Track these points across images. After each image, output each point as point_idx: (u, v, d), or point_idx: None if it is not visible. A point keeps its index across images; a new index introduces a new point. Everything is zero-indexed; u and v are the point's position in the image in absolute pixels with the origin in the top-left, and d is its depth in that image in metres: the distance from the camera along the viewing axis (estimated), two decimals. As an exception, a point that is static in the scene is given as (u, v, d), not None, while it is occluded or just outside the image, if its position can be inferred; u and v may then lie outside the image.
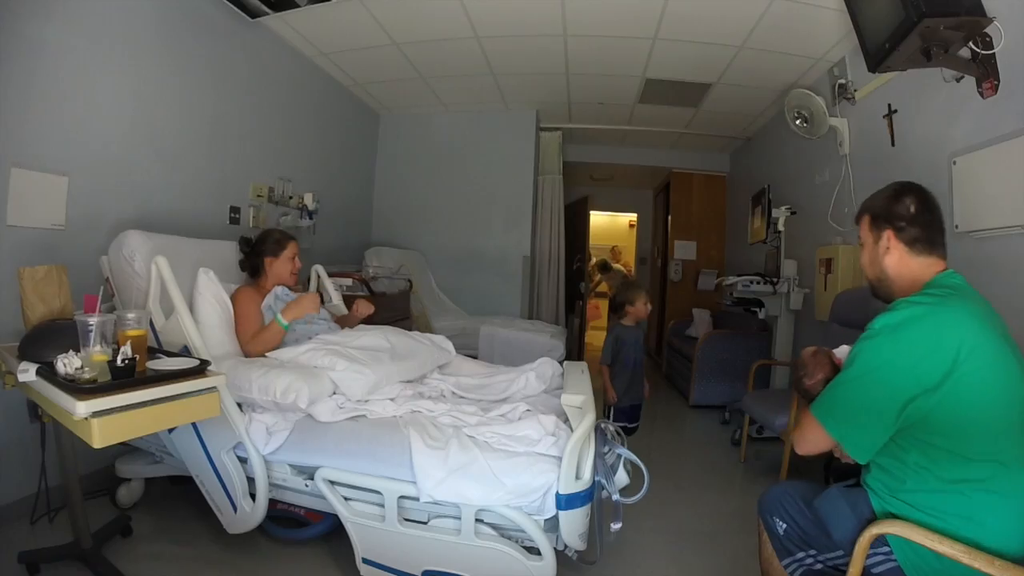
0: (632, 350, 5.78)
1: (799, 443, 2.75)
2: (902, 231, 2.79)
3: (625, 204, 16.13)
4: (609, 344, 5.81)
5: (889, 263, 2.82)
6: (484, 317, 9.53)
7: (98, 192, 4.85)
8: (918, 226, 2.78)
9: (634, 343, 5.81)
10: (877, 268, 2.88)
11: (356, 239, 9.89)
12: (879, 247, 2.86)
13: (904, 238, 2.79)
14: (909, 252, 2.78)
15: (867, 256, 2.95)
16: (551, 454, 3.60)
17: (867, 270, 2.97)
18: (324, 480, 3.81)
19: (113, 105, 4.98)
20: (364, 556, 3.78)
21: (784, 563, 2.99)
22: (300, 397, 3.88)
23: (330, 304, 5.76)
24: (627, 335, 5.79)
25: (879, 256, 2.86)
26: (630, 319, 5.84)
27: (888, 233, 2.82)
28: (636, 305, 5.80)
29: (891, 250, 2.81)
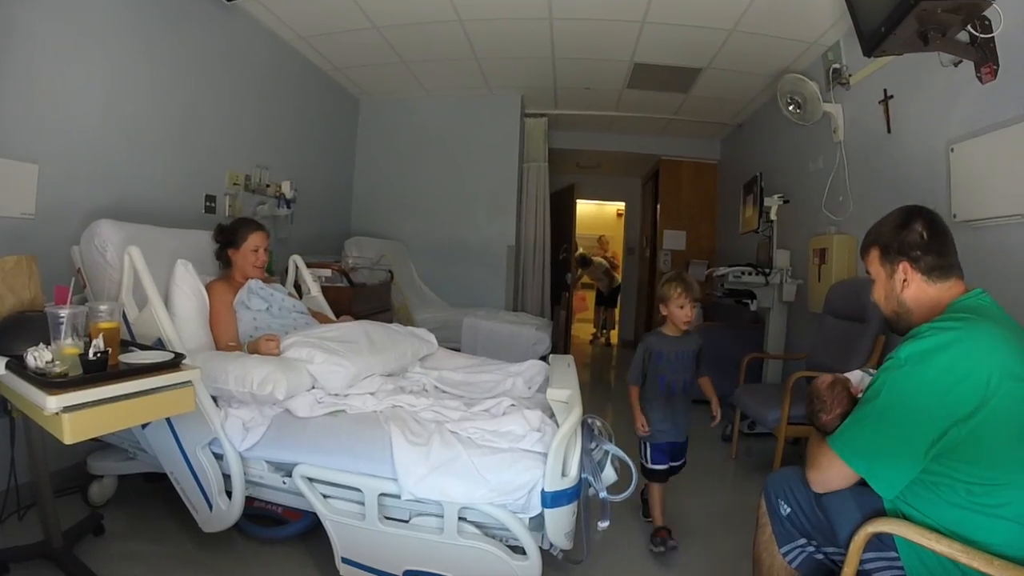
0: (669, 368, 4.63)
1: (817, 480, 2.69)
2: (918, 261, 2.73)
3: (613, 192, 16.15)
4: (636, 357, 4.72)
5: (908, 296, 2.76)
6: (467, 309, 9.50)
7: (69, 180, 4.82)
8: (933, 253, 2.73)
9: (674, 359, 4.65)
10: (894, 303, 2.83)
11: (335, 228, 9.88)
12: (895, 281, 2.80)
13: (921, 268, 2.73)
14: (927, 281, 2.72)
15: (881, 291, 2.89)
16: (536, 450, 3.59)
17: (882, 305, 2.91)
18: (302, 477, 3.79)
19: (85, 91, 4.94)
20: (343, 555, 3.76)
21: (783, 549, 2.96)
22: (278, 388, 3.86)
23: (308, 297, 5.75)
24: (661, 346, 4.66)
25: (896, 290, 2.80)
26: (670, 327, 4.69)
27: (904, 265, 2.76)
28: (669, 305, 4.63)
29: (909, 282, 2.75)
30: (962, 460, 2.34)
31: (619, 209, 17.97)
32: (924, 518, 2.44)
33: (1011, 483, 2.31)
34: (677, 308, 4.59)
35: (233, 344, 4.59)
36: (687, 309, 4.58)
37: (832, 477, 2.61)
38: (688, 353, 4.67)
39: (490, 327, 8.55)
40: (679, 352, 4.64)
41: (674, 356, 4.63)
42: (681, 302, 4.57)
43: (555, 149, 12.00)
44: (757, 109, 10.01)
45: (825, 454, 2.64)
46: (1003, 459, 2.31)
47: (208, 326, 4.63)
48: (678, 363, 4.64)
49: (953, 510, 2.38)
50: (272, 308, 4.95)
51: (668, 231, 12.49)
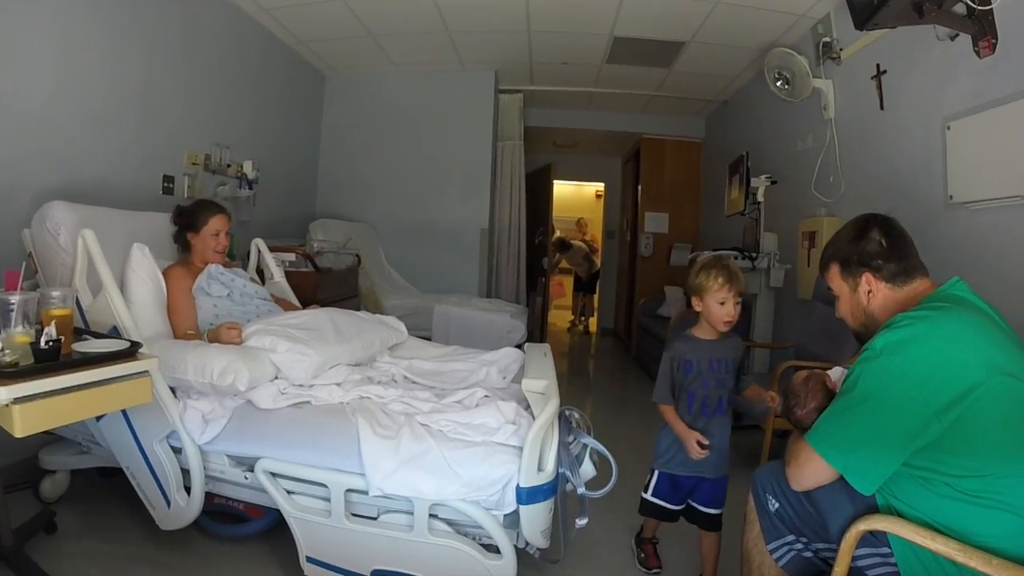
0: (701, 382, 3.79)
1: (796, 478, 2.69)
2: (880, 269, 2.78)
3: (591, 173, 16.19)
4: (662, 369, 3.88)
5: (876, 306, 2.80)
6: (438, 295, 9.49)
7: (19, 160, 4.78)
8: (894, 259, 2.77)
9: (707, 370, 3.80)
10: (861, 316, 2.87)
11: (300, 211, 9.83)
12: (859, 294, 2.84)
13: (885, 276, 2.77)
14: (893, 288, 2.77)
15: (847, 306, 2.93)
16: (511, 444, 3.58)
17: (849, 321, 2.95)
18: (265, 472, 3.78)
19: (34, 66, 4.88)
20: (308, 554, 3.75)
21: (771, 546, 2.96)
22: (239, 379, 3.85)
23: (271, 282, 5.73)
24: (692, 354, 3.82)
25: (862, 303, 2.84)
26: (704, 328, 3.85)
27: (866, 276, 2.80)
28: (704, 298, 3.77)
29: (875, 293, 2.80)
30: (946, 452, 2.35)
31: (598, 190, 17.94)
32: (915, 513, 2.44)
33: (1000, 472, 2.32)
34: (716, 304, 3.72)
35: (192, 332, 4.58)
36: (729, 306, 3.71)
37: (810, 473, 2.62)
38: (727, 362, 3.83)
39: (462, 314, 8.54)
40: (715, 361, 3.82)
41: (707, 366, 3.80)
42: (722, 296, 3.71)
43: (531, 127, 11.99)
44: (743, 85, 10.03)
45: (802, 449, 2.66)
46: (991, 449, 2.32)
47: (166, 313, 4.60)
48: (713, 375, 3.80)
49: (943, 502, 2.39)
50: (233, 294, 4.92)
51: (650, 213, 12.49)
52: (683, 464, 3.85)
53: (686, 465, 3.84)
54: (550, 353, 4.57)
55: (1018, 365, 2.37)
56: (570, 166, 15.38)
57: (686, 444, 3.73)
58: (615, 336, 15.15)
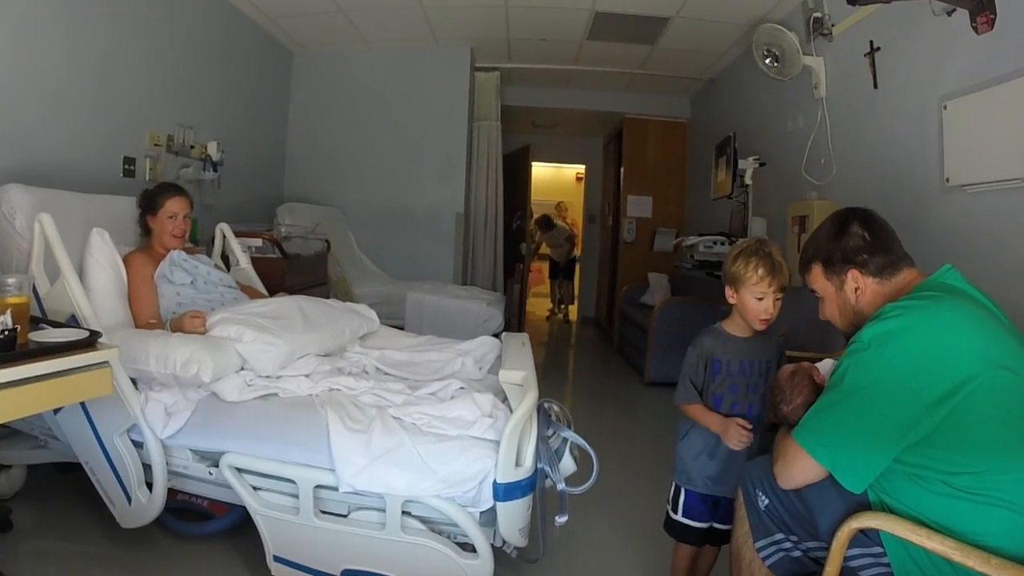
0: (729, 386, 3.49)
1: (783, 475, 2.69)
2: (866, 265, 2.76)
3: (572, 154, 16.22)
4: (687, 367, 3.55)
5: (865, 304, 2.78)
6: (411, 282, 9.44)
7: (-29, 141, 4.74)
8: (879, 252, 2.76)
9: (738, 373, 3.49)
10: (850, 315, 2.85)
11: (267, 194, 9.79)
12: (846, 292, 2.83)
13: (872, 270, 2.76)
14: (881, 282, 2.76)
15: (834, 307, 2.91)
16: (488, 438, 3.56)
17: (837, 321, 2.93)
18: (230, 467, 3.76)
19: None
20: (275, 553, 3.74)
21: (759, 544, 2.95)
22: (203, 370, 3.83)
23: (237, 269, 5.72)
24: (722, 352, 3.50)
25: (850, 302, 2.83)
26: (736, 323, 3.51)
27: (852, 273, 2.79)
28: (740, 291, 3.39)
29: (863, 290, 2.78)
30: (939, 447, 2.34)
31: (579, 172, 18.02)
32: (909, 511, 2.43)
33: (996, 468, 2.31)
34: (753, 299, 3.35)
35: (154, 321, 4.55)
36: (767, 302, 3.35)
37: (797, 471, 2.62)
38: (762, 364, 3.51)
39: (437, 302, 8.53)
40: (746, 363, 3.49)
41: (738, 368, 3.48)
42: (760, 290, 3.33)
43: (508, 107, 11.99)
44: (730, 63, 10.03)
45: (789, 446, 2.65)
46: (987, 444, 2.31)
47: (127, 301, 4.58)
48: (744, 378, 3.48)
49: (938, 500, 2.37)
50: (197, 282, 4.89)
51: (632, 197, 12.49)
52: (713, 482, 3.54)
53: (716, 484, 3.53)
54: (528, 343, 4.55)
55: (1014, 357, 2.37)
56: (549, 147, 15.41)
57: (726, 436, 3.38)
58: (596, 325, 15.16)
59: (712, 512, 3.61)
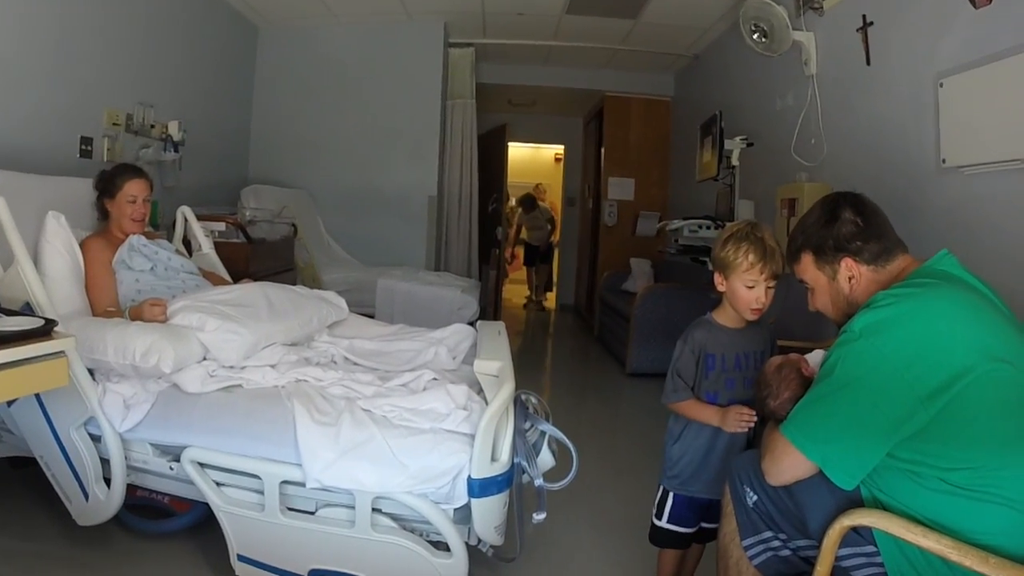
0: (724, 381, 3.41)
1: (771, 472, 2.66)
2: (860, 252, 2.74)
3: (550, 134, 16.23)
4: (678, 362, 3.45)
5: (859, 293, 2.75)
6: (382, 268, 9.47)
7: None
8: (873, 238, 2.74)
9: (734, 366, 3.43)
10: (844, 304, 2.82)
11: (231, 176, 9.75)
12: (839, 282, 2.80)
13: (866, 258, 2.74)
14: (875, 270, 2.74)
15: (826, 298, 2.89)
16: (462, 431, 3.55)
17: (830, 312, 2.91)
18: (192, 462, 3.72)
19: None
20: (240, 552, 3.72)
21: (746, 543, 2.93)
22: (164, 360, 3.79)
23: (199, 254, 5.69)
24: (715, 346, 3.42)
25: (844, 291, 2.80)
26: (727, 313, 3.44)
27: (846, 262, 2.76)
28: (730, 277, 3.31)
29: (857, 279, 2.76)
30: (934, 442, 2.33)
31: (557, 153, 17.96)
32: (903, 508, 2.41)
33: (994, 464, 2.30)
34: (743, 287, 3.27)
35: (112, 309, 4.53)
36: (759, 290, 3.27)
37: (786, 467, 2.59)
38: (757, 356, 3.46)
39: (408, 289, 8.56)
40: (741, 355, 3.44)
41: (733, 362, 3.43)
42: (751, 278, 3.25)
43: (484, 84, 11.94)
44: (716, 38, 10.03)
45: (777, 441, 2.63)
46: (984, 439, 2.30)
47: (84, 288, 4.56)
48: (740, 373, 3.42)
49: (934, 497, 2.36)
50: (157, 268, 4.88)
51: (614, 178, 12.51)
52: (702, 484, 3.48)
53: (704, 486, 3.47)
54: (505, 331, 4.56)
55: (1012, 349, 2.36)
56: (527, 127, 15.40)
57: (725, 422, 3.27)
58: (575, 313, 15.22)
59: (701, 515, 3.57)
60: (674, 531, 3.59)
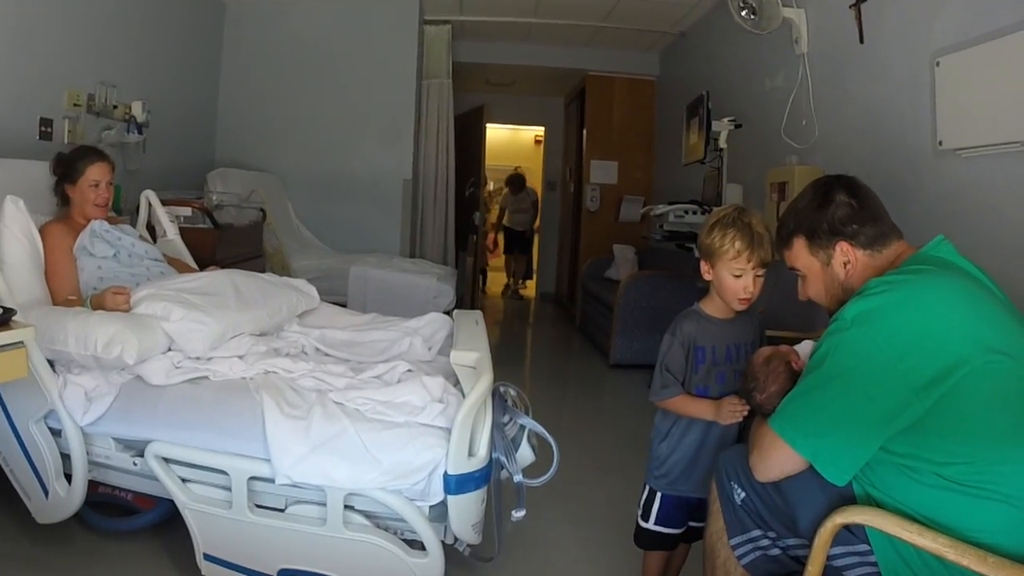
0: (715, 375, 3.38)
1: (759, 467, 2.65)
2: (856, 236, 2.73)
3: (530, 115, 16.24)
4: (667, 357, 3.39)
5: (855, 279, 2.73)
6: (355, 255, 9.47)
7: None
8: (869, 222, 2.73)
9: (724, 359, 3.40)
10: (839, 291, 2.79)
11: (197, 159, 9.67)
12: (834, 268, 2.79)
13: (862, 243, 2.73)
14: (871, 254, 2.73)
15: (820, 285, 2.87)
16: (438, 425, 3.55)
17: (824, 300, 2.89)
18: (156, 457, 3.71)
19: None
20: (206, 551, 3.72)
21: (734, 542, 2.92)
22: (127, 351, 3.77)
23: (164, 240, 5.68)
24: (706, 336, 3.39)
25: (839, 278, 2.79)
26: (715, 303, 3.41)
27: (842, 246, 2.74)
28: (716, 265, 3.27)
29: (853, 264, 2.74)
30: (930, 435, 2.32)
31: (537, 135, 18.03)
32: (897, 504, 2.40)
33: (992, 459, 2.29)
34: (731, 276, 3.24)
35: (74, 298, 4.50)
36: (747, 279, 3.23)
37: (775, 462, 2.59)
38: (748, 347, 3.44)
39: (382, 277, 8.56)
40: (732, 347, 3.42)
41: (724, 354, 3.40)
42: (739, 267, 3.21)
43: (461, 63, 11.92)
44: (703, 15, 10.01)
45: (765, 435, 2.63)
46: (982, 432, 2.30)
47: (43, 276, 4.53)
48: (731, 365, 3.40)
49: (930, 493, 2.35)
50: (120, 254, 4.84)
51: (596, 161, 12.49)
52: (692, 483, 3.44)
53: (694, 485, 3.43)
54: (482, 321, 4.56)
55: (1010, 339, 2.36)
56: (505, 108, 15.41)
57: (720, 415, 3.22)
58: (556, 302, 15.19)
59: (689, 514, 3.53)
60: (661, 533, 3.55)
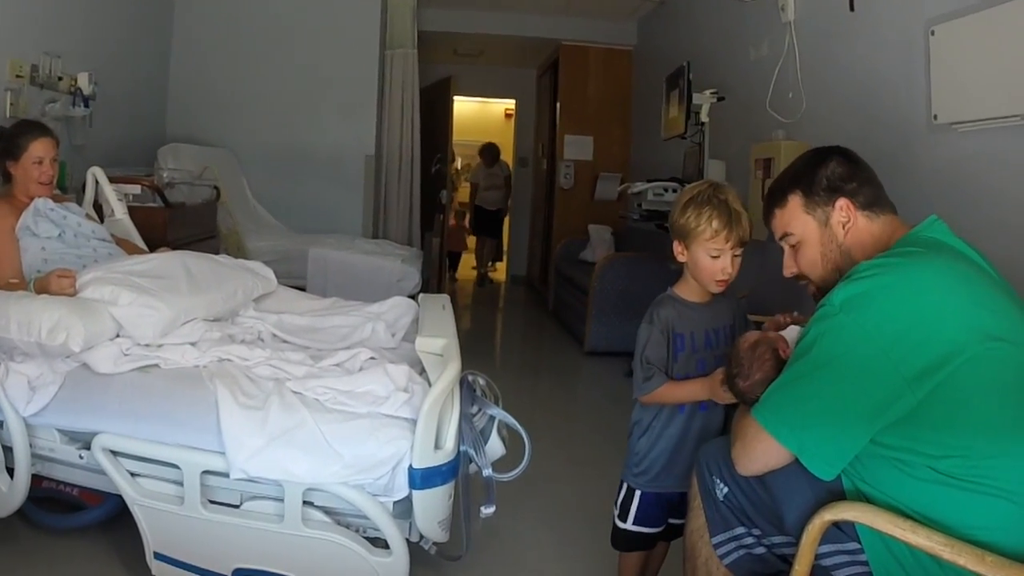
0: (694, 361, 3.34)
1: (742, 460, 2.62)
2: (856, 194, 2.70)
3: (500, 88, 16.27)
4: (647, 344, 3.34)
5: (852, 241, 2.71)
6: (314, 236, 9.46)
7: None
8: (867, 183, 2.72)
9: (703, 344, 3.37)
10: (836, 256, 2.75)
11: (147, 133, 9.60)
12: (832, 227, 2.73)
13: (861, 202, 2.70)
14: (870, 217, 2.71)
15: (816, 250, 2.80)
16: (402, 416, 3.54)
17: (820, 267, 2.81)
18: (104, 450, 3.67)
19: None
20: (156, 550, 3.69)
21: (716, 540, 2.91)
22: (72, 337, 3.73)
23: (112, 220, 5.65)
24: (683, 323, 3.35)
25: (838, 238, 2.73)
26: (690, 286, 3.37)
27: (842, 203, 2.70)
28: (691, 246, 3.21)
29: (852, 223, 2.71)
30: (924, 427, 2.30)
31: (508, 108, 18.07)
32: (889, 500, 2.39)
33: (989, 451, 2.28)
34: (707, 256, 3.18)
35: (16, 281, 4.48)
36: (724, 260, 3.17)
37: (758, 455, 2.56)
38: (728, 330, 3.43)
39: (343, 259, 8.55)
40: (711, 332, 3.40)
41: (704, 340, 3.38)
42: (716, 246, 3.15)
43: (426, 32, 11.86)
44: (684, -19, 9.99)
45: (748, 426, 2.60)
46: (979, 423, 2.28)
47: (-18, 258, 4.52)
48: (712, 351, 3.36)
49: (924, 488, 2.33)
50: (66, 234, 4.82)
51: (570, 136, 12.49)
52: (672, 478, 3.39)
53: (674, 479, 3.38)
54: (449, 306, 4.55)
55: (1008, 325, 2.34)
56: (474, 79, 15.38)
57: (715, 391, 3.11)
58: (528, 285, 15.22)
59: (669, 511, 3.51)
60: (640, 533, 3.51)
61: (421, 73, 11.28)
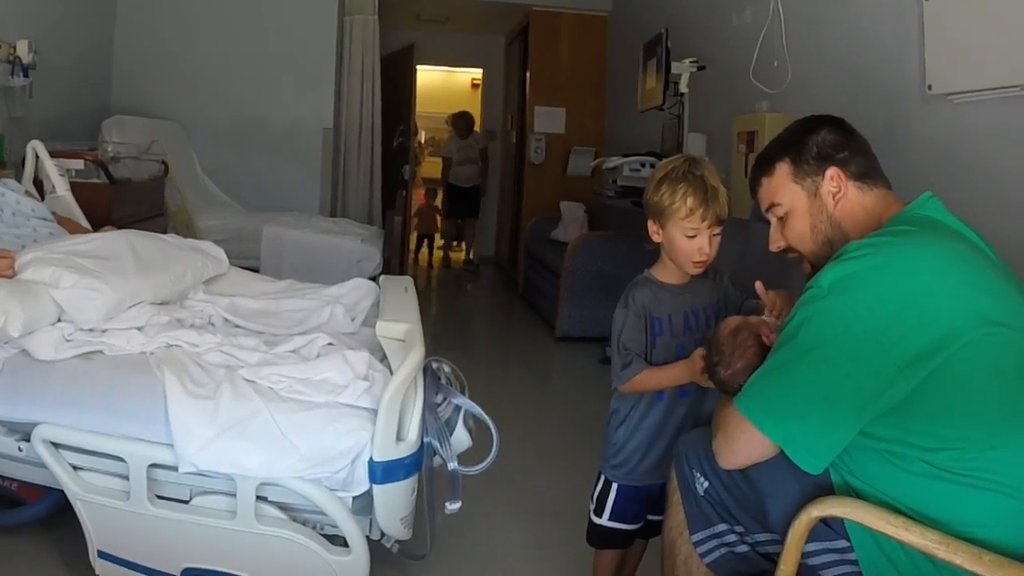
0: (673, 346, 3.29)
1: (724, 453, 2.59)
2: (847, 164, 2.67)
3: (466, 56, 16.28)
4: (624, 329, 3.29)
5: (842, 212, 2.68)
6: (268, 214, 9.45)
7: None
8: (859, 153, 2.70)
9: (682, 329, 3.33)
10: (826, 227, 2.72)
11: (90, 105, 9.58)
12: (822, 197, 2.70)
13: (853, 172, 2.67)
14: (862, 188, 2.68)
15: (804, 222, 2.76)
16: (362, 405, 3.51)
17: (809, 239, 2.77)
18: (44, 441, 3.63)
19: None
20: (100, 548, 3.66)
21: (696, 537, 2.88)
22: (11, 322, 3.66)
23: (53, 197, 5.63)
24: (661, 306, 3.32)
25: (828, 208, 2.70)
26: (667, 268, 3.33)
27: (832, 172, 2.67)
28: (667, 226, 3.18)
29: (843, 192, 2.68)
30: (918, 417, 2.28)
31: (475, 78, 18.09)
32: (881, 495, 2.37)
33: (985, 443, 2.26)
34: (683, 236, 3.14)
35: (-48, 263, 4.46)
36: (702, 239, 3.14)
37: (741, 447, 2.53)
38: (708, 311, 3.39)
39: (299, 238, 8.54)
40: (690, 315, 3.36)
41: (683, 323, 3.34)
42: (692, 225, 3.11)
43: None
44: (662, -58, 9.98)
45: (730, 417, 2.56)
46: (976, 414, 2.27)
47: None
48: (691, 335, 3.32)
49: (917, 482, 2.31)
50: (3, 213, 4.79)
51: (541, 108, 12.51)
52: (652, 470, 3.37)
53: (654, 471, 3.35)
54: (412, 288, 4.52)
55: (1007, 309, 2.33)
56: (438, 47, 15.36)
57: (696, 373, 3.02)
58: (496, 266, 15.30)
59: (648, 507, 3.48)
60: (617, 529, 3.49)
61: (382, 40, 11.28)
